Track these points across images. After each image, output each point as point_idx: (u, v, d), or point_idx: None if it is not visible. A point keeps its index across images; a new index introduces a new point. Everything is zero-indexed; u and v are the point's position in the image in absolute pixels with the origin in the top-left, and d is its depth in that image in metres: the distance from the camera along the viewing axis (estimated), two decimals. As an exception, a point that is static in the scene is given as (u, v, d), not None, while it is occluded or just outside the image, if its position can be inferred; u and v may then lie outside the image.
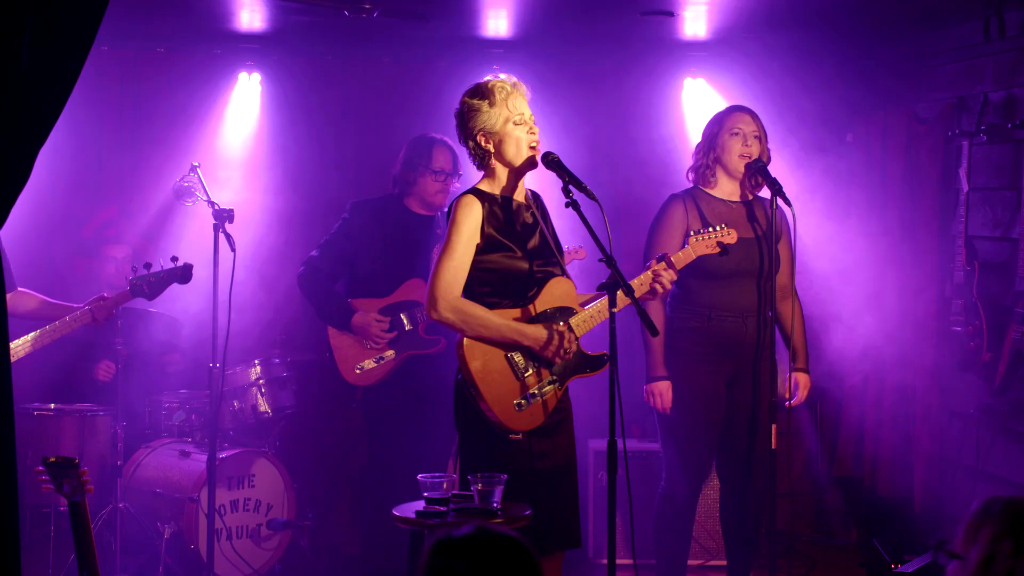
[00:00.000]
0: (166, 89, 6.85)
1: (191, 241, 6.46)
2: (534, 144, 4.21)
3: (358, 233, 5.76)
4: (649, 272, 4.42)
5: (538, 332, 4.13)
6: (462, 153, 5.82)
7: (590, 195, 4.15)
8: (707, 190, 5.21)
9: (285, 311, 6.74)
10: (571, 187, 4.14)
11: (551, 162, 4.19)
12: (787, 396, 5.17)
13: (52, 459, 3.70)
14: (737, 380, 5.15)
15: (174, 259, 5.48)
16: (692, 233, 4.69)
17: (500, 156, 4.21)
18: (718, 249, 4.67)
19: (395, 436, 5.68)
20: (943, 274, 6.02)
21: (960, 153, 5.76)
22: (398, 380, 5.70)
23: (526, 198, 4.32)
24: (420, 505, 3.90)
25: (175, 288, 5.59)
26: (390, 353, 5.67)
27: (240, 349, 6.11)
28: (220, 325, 5.30)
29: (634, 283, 4.30)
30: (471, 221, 4.14)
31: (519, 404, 4.12)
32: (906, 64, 6.46)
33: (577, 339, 4.22)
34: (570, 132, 6.68)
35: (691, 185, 5.27)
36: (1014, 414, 5.55)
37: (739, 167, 5.14)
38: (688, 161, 5.36)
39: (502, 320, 4.13)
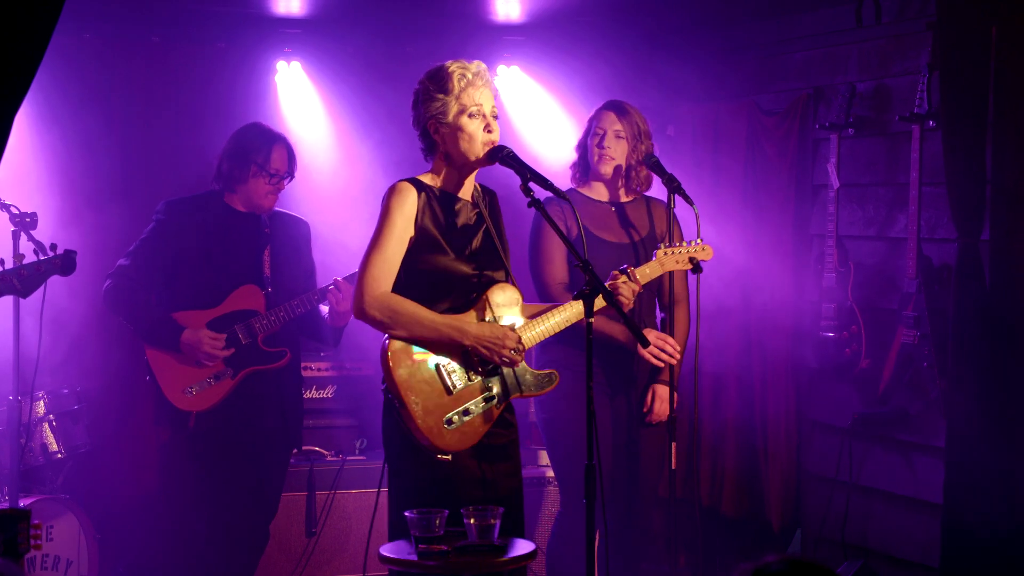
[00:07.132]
0: None
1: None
2: (494, 141, 3.80)
3: (176, 236, 4.92)
4: (615, 283, 4.11)
5: (480, 330, 3.75)
6: (299, 151, 5.07)
7: (558, 193, 3.76)
8: (582, 191, 4.93)
9: (71, 331, 5.62)
10: (531, 184, 3.74)
11: (506, 157, 3.79)
12: (644, 410, 4.80)
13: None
14: (624, 396, 4.80)
15: (53, 247, 4.53)
16: (662, 245, 4.47)
17: (448, 150, 3.81)
18: (690, 266, 4.47)
19: (234, 467, 4.91)
20: (799, 276, 5.65)
21: (824, 147, 5.43)
22: (237, 401, 4.90)
23: (473, 196, 3.92)
24: (404, 545, 3.54)
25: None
26: (228, 371, 4.88)
27: (10, 377, 4.99)
28: (25, 350, 4.76)
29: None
30: (404, 210, 3.74)
31: (449, 420, 3.71)
32: (745, 52, 6.03)
33: (523, 348, 3.83)
34: (383, 123, 5.93)
35: (572, 186, 4.95)
36: (896, 422, 5.23)
37: (605, 169, 4.85)
38: (529, 157, 4.86)
39: (438, 316, 3.74)
